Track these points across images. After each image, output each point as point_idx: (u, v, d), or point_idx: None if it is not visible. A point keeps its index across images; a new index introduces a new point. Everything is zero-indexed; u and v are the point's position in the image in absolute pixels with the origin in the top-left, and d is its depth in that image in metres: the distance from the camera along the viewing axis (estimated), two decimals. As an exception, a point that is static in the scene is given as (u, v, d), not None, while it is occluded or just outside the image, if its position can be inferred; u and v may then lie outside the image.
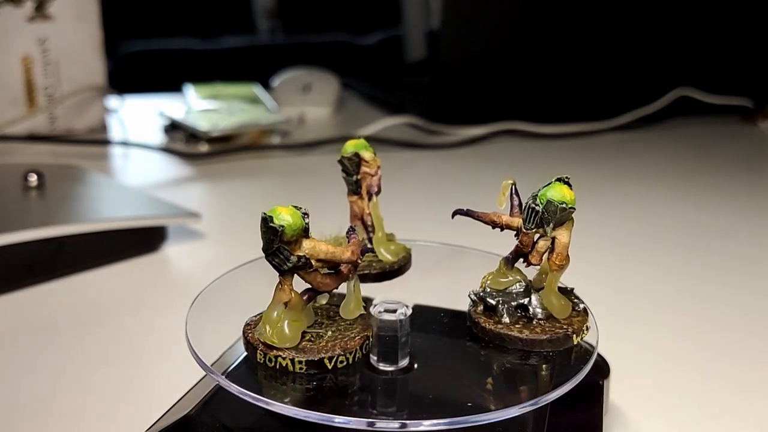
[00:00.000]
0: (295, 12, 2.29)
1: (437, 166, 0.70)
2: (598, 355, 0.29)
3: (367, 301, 0.29)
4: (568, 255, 0.25)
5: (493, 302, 0.26)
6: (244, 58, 1.99)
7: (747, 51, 0.89)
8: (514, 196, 0.26)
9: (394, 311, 0.25)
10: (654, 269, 0.46)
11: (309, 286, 0.24)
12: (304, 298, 0.24)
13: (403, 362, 0.25)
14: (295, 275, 0.23)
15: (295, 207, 0.22)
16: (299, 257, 0.22)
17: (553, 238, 0.25)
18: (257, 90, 0.95)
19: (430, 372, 0.25)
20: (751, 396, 0.32)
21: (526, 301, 0.26)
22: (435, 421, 0.21)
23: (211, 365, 0.24)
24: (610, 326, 0.37)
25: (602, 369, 0.29)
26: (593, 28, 0.84)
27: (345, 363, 0.23)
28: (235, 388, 0.22)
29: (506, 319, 0.26)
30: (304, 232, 0.22)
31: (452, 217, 0.26)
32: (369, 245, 0.29)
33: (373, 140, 0.75)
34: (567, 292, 0.27)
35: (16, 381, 0.32)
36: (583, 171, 0.68)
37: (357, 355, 0.24)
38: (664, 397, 0.32)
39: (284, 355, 0.23)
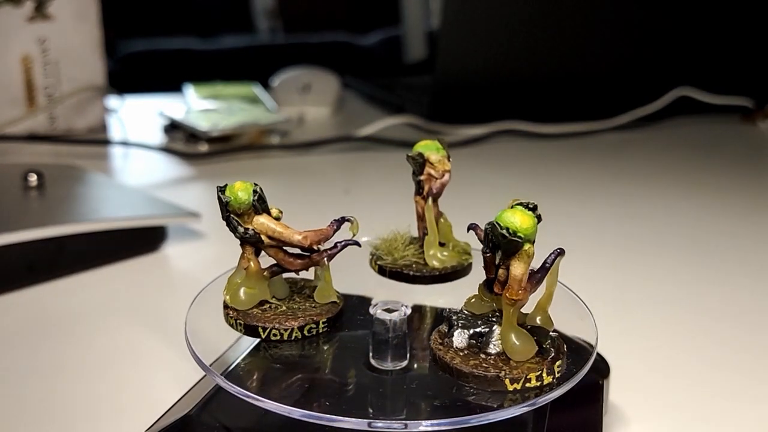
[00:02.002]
0: (295, 12, 2.29)
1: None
2: (598, 354, 0.29)
3: (366, 300, 0.29)
4: (523, 290, 0.23)
5: (452, 323, 0.24)
6: (244, 58, 1.99)
7: (747, 51, 0.89)
8: None
9: (392, 311, 0.25)
10: (654, 269, 0.46)
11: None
12: (267, 271, 0.26)
13: (402, 362, 0.25)
14: (262, 250, 0.25)
15: (255, 186, 0.24)
16: (246, 229, 0.24)
17: (508, 268, 0.23)
18: (257, 90, 0.95)
19: (430, 372, 0.25)
20: (752, 396, 0.32)
21: (485, 330, 0.24)
22: (435, 421, 0.21)
23: (211, 365, 0.24)
24: (610, 326, 0.37)
25: (602, 369, 0.29)
26: (593, 28, 0.84)
27: (278, 337, 0.25)
28: (234, 388, 0.22)
29: (455, 344, 0.24)
30: (254, 209, 0.24)
31: (467, 230, 0.26)
32: (353, 241, 0.28)
33: (373, 140, 0.75)
34: (541, 333, 0.24)
35: (16, 381, 0.32)
36: (583, 171, 0.68)
37: (294, 334, 0.25)
38: (664, 397, 0.32)
39: (231, 315, 0.25)
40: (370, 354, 0.25)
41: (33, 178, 0.49)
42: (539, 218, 0.23)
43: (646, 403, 0.31)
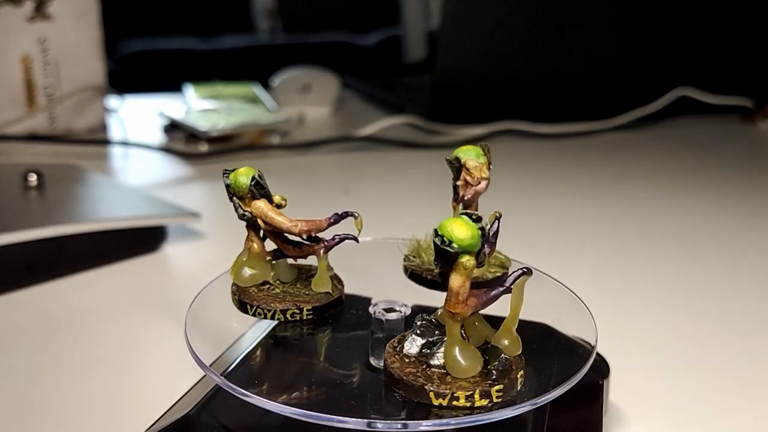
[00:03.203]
0: (295, 12, 2.29)
1: (437, 166, 0.70)
2: (598, 354, 0.29)
3: (367, 301, 0.29)
4: (462, 303, 0.22)
5: (415, 327, 0.24)
6: (243, 58, 1.99)
7: (747, 51, 0.89)
8: (493, 229, 0.23)
9: (391, 311, 0.25)
10: (653, 269, 0.46)
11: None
12: (271, 254, 0.27)
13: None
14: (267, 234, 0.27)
15: (257, 172, 0.26)
16: (244, 212, 0.26)
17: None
18: (257, 90, 0.95)
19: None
20: (752, 395, 0.32)
21: (437, 340, 0.23)
22: (435, 421, 0.21)
23: (210, 365, 0.24)
24: (610, 326, 0.37)
25: (602, 369, 0.29)
26: (593, 28, 0.84)
27: (263, 316, 0.26)
28: (234, 388, 0.22)
29: (405, 349, 0.23)
30: (251, 193, 0.26)
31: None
32: (351, 236, 0.28)
33: (373, 140, 0.75)
34: (494, 354, 0.23)
35: (16, 381, 0.32)
36: (583, 171, 0.68)
37: (277, 316, 0.26)
38: (664, 397, 0.32)
39: (233, 290, 0.27)
40: (370, 354, 0.25)
41: (33, 178, 0.49)
42: (484, 232, 0.21)
43: (646, 403, 0.31)
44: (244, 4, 2.31)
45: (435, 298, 0.29)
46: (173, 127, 0.78)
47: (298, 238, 0.27)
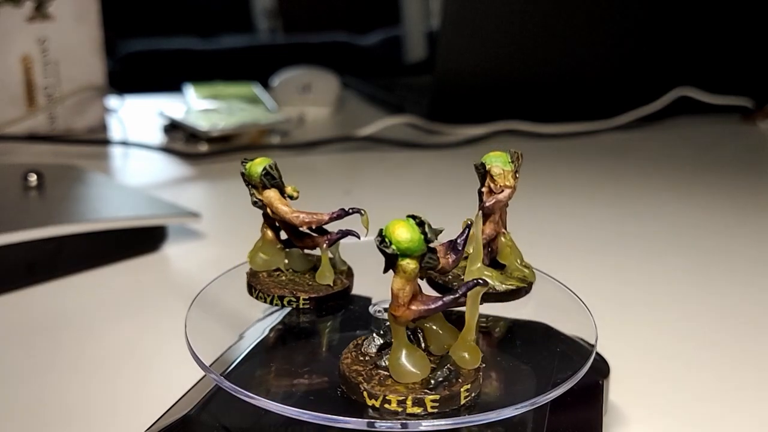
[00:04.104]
0: (295, 12, 2.29)
1: (437, 166, 0.70)
2: (598, 354, 0.29)
3: (367, 300, 0.29)
4: (403, 306, 0.21)
5: (380, 328, 0.24)
6: (243, 58, 1.99)
7: (747, 51, 0.89)
8: (462, 237, 0.23)
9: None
10: (654, 269, 0.46)
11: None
12: (281, 242, 0.28)
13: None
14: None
15: (270, 163, 0.27)
16: (256, 200, 0.27)
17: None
18: (257, 90, 0.95)
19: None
20: (752, 395, 0.32)
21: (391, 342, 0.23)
22: (435, 421, 0.21)
23: (210, 365, 0.24)
24: (610, 326, 0.37)
25: (602, 369, 0.29)
26: (593, 27, 0.84)
27: (263, 299, 0.27)
28: (234, 389, 0.22)
29: (363, 347, 0.23)
30: (262, 182, 0.27)
31: None
32: (353, 232, 0.28)
33: (373, 140, 0.75)
34: (443, 363, 0.22)
35: (16, 381, 0.32)
36: (583, 171, 0.68)
37: (275, 302, 0.26)
38: (664, 397, 0.32)
39: (247, 272, 0.28)
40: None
41: (33, 178, 0.49)
42: (427, 237, 0.21)
43: (646, 403, 0.31)
44: (244, 4, 2.31)
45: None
46: (173, 127, 0.78)
47: (306, 230, 0.28)
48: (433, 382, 0.22)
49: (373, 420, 0.21)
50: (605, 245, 0.50)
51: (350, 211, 0.27)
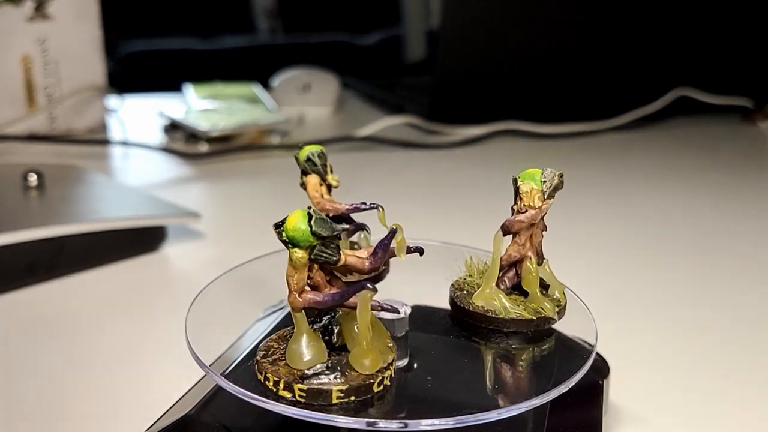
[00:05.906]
0: (295, 12, 2.29)
1: (437, 166, 0.70)
2: (598, 354, 0.29)
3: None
4: (293, 294, 0.22)
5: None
6: (243, 58, 1.99)
7: (747, 51, 0.89)
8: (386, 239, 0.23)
9: (392, 311, 0.25)
10: (654, 269, 0.46)
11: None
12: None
13: (402, 361, 0.25)
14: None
15: (317, 151, 0.28)
16: (301, 183, 0.29)
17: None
18: (257, 90, 0.95)
19: (430, 372, 0.25)
20: (752, 395, 0.32)
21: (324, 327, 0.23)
22: (434, 421, 0.21)
23: (211, 365, 0.24)
24: (610, 326, 0.37)
25: (602, 369, 0.29)
26: (593, 27, 0.84)
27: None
28: (234, 388, 0.22)
29: (327, 337, 0.23)
30: (304, 168, 0.28)
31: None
32: (363, 225, 0.29)
33: (373, 140, 0.75)
34: (339, 361, 0.22)
35: (16, 381, 0.32)
36: (583, 171, 0.68)
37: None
38: (664, 396, 0.32)
39: None
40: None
41: (33, 178, 0.49)
42: (320, 235, 0.21)
43: (646, 403, 0.31)
44: (244, 4, 2.31)
45: (435, 299, 0.29)
46: (173, 127, 0.78)
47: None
48: (308, 372, 0.22)
49: (373, 420, 0.21)
50: (605, 245, 0.50)
51: (369, 205, 0.27)
